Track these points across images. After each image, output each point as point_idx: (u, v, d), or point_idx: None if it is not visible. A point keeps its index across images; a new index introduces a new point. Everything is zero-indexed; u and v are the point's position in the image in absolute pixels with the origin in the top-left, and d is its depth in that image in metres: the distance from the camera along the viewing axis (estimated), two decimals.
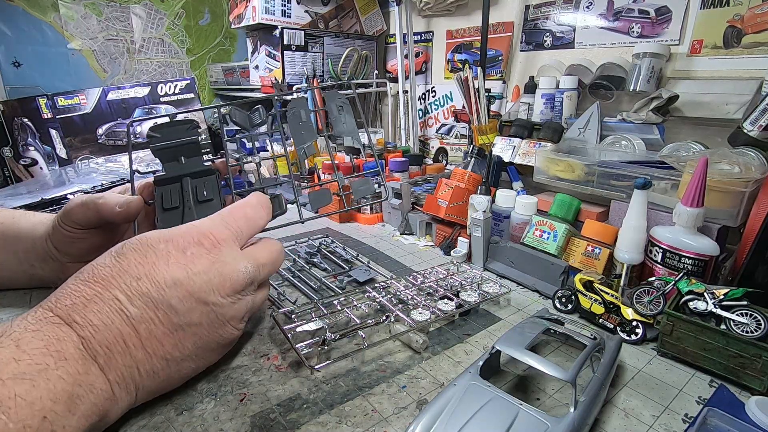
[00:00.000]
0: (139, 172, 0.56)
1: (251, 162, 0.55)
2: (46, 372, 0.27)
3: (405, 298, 0.54)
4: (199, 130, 0.53)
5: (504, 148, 0.89)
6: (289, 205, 0.50)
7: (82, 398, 0.29)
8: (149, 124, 1.21)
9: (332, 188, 0.55)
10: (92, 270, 0.35)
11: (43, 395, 0.26)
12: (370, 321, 0.47)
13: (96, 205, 0.49)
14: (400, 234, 0.83)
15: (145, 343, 0.34)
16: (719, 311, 0.44)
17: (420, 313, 0.49)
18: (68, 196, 0.89)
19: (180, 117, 0.53)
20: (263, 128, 0.56)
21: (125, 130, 1.19)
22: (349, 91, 0.57)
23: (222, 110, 0.56)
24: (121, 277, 0.35)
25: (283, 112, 0.54)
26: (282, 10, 1.24)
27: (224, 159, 0.53)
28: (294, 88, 1.22)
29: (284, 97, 1.23)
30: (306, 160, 0.54)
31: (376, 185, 0.56)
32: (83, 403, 0.29)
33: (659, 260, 0.54)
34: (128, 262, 0.36)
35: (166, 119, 0.52)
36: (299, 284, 0.60)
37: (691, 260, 0.52)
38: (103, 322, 0.32)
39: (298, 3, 1.26)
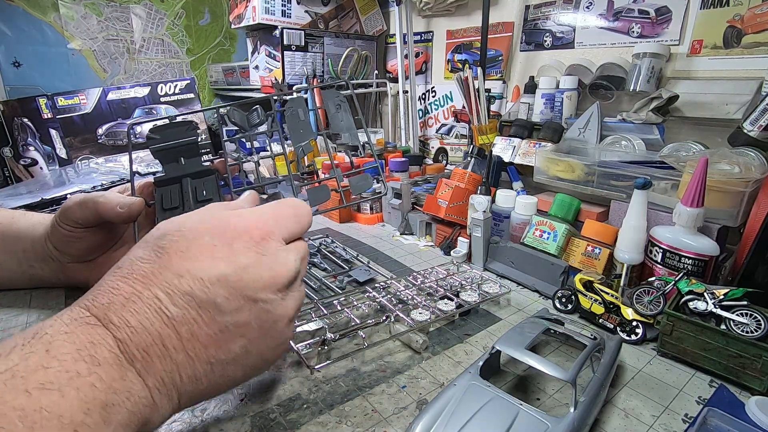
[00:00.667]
0: (139, 174, 0.57)
1: (250, 161, 0.56)
2: (77, 380, 0.25)
3: (405, 298, 0.54)
4: (198, 131, 0.53)
5: (504, 148, 0.89)
6: None
7: (118, 406, 0.27)
8: (149, 124, 1.22)
9: (331, 185, 0.55)
10: (131, 265, 0.33)
11: (73, 406, 0.24)
12: (370, 321, 0.47)
13: (95, 204, 0.48)
14: (400, 234, 0.83)
15: (187, 346, 0.32)
16: (719, 311, 0.44)
17: (420, 313, 0.49)
18: (68, 196, 0.89)
19: (179, 119, 0.53)
20: (262, 128, 0.56)
21: (125, 130, 1.19)
22: (347, 91, 0.57)
23: (221, 111, 0.57)
24: (162, 274, 0.32)
25: (282, 111, 0.54)
26: (282, 10, 1.24)
27: (223, 159, 0.53)
28: (294, 88, 1.22)
29: (283, 96, 1.23)
30: (305, 158, 0.54)
31: (374, 182, 0.56)
32: (119, 412, 0.27)
33: (659, 260, 0.54)
34: (169, 258, 0.33)
35: (166, 121, 0.53)
36: None
37: (691, 260, 0.52)
38: (142, 323, 0.30)
39: (298, 3, 1.26)
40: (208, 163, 0.53)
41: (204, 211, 0.38)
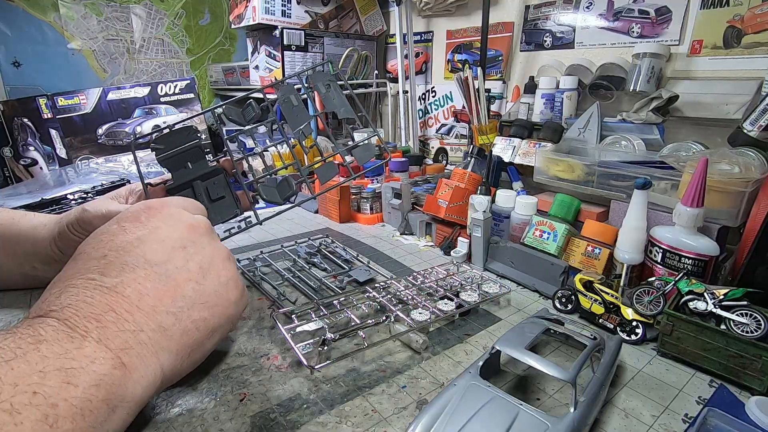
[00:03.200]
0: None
1: (255, 155, 0.57)
2: (24, 356, 0.27)
3: (405, 298, 0.54)
4: (199, 134, 0.54)
5: (504, 148, 0.89)
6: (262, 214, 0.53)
7: (80, 370, 0.28)
8: (149, 124, 1.22)
9: (336, 189, 0.56)
10: (58, 278, 0.36)
11: (25, 371, 0.26)
12: (370, 321, 0.47)
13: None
14: (400, 234, 0.83)
15: (140, 304, 0.34)
16: (719, 311, 0.44)
17: (420, 313, 0.49)
18: (68, 196, 0.89)
19: (178, 126, 0.54)
20: (262, 129, 0.56)
21: (125, 130, 1.19)
22: (346, 90, 0.58)
23: (217, 111, 0.58)
24: (86, 264, 0.35)
25: (274, 100, 0.56)
26: (282, 10, 1.24)
27: (228, 158, 0.54)
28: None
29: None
30: (304, 141, 0.56)
31: (376, 149, 0.58)
32: (84, 374, 0.28)
33: (659, 260, 0.54)
34: (86, 254, 0.36)
35: (166, 130, 0.54)
36: (299, 284, 0.60)
37: (691, 260, 0.52)
38: (83, 300, 0.32)
39: (298, 3, 1.26)
40: (213, 163, 0.54)
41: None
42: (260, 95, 0.58)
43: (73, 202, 0.87)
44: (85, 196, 0.89)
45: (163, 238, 0.38)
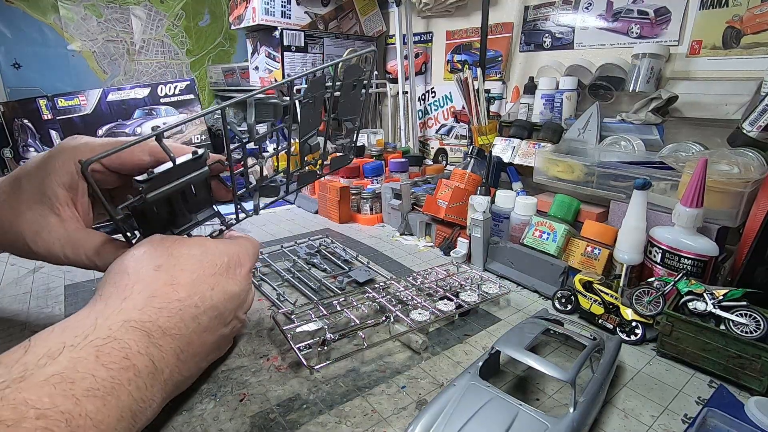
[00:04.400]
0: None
1: (257, 165, 0.53)
2: (118, 389, 0.26)
3: (405, 299, 0.54)
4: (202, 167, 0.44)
5: (504, 149, 0.89)
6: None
7: (142, 414, 0.28)
8: (149, 125, 1.22)
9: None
10: (170, 272, 0.35)
11: (112, 414, 0.25)
12: (370, 321, 0.47)
13: (120, 160, 0.42)
14: (400, 234, 0.83)
15: (199, 351, 0.36)
16: (719, 312, 0.44)
17: (420, 313, 0.49)
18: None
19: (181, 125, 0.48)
20: (262, 129, 0.54)
21: (125, 131, 1.19)
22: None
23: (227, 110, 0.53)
24: (200, 285, 0.36)
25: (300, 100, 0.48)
26: (282, 11, 1.24)
27: (219, 158, 0.47)
28: (294, 89, 1.22)
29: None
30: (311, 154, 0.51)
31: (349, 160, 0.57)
32: (141, 419, 0.28)
33: (659, 261, 0.54)
34: (204, 270, 0.37)
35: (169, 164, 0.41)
36: (299, 285, 0.60)
37: (690, 261, 0.52)
38: (181, 330, 0.33)
39: (298, 4, 1.26)
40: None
41: (200, 239, 0.43)
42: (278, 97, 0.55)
43: None
44: None
45: (237, 306, 0.41)
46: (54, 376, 0.24)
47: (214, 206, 0.47)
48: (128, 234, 0.42)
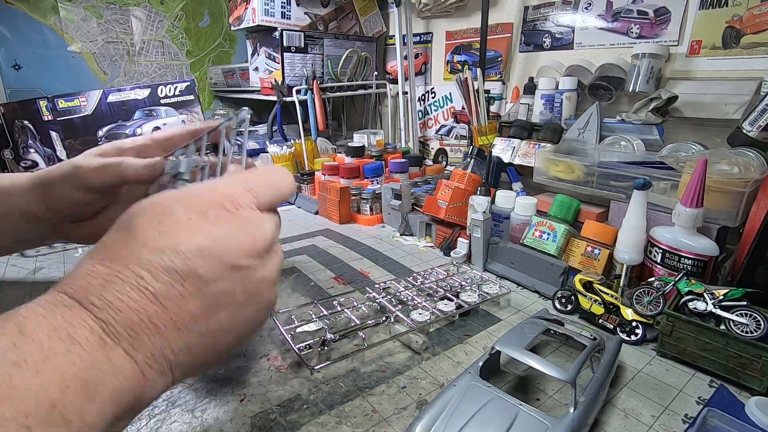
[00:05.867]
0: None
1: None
2: (53, 359, 0.25)
3: (405, 299, 0.54)
4: None
5: (503, 149, 0.89)
6: None
7: (104, 383, 0.27)
8: (150, 125, 1.22)
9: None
10: (105, 249, 0.32)
11: (50, 382, 0.24)
12: (370, 322, 0.47)
13: (119, 169, 0.47)
14: (400, 235, 0.83)
15: (176, 320, 0.32)
16: (719, 311, 0.44)
17: (420, 313, 0.49)
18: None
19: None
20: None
21: (125, 132, 1.20)
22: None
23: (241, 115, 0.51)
24: (140, 252, 0.32)
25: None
26: (281, 11, 1.24)
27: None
28: (294, 90, 1.22)
29: (283, 98, 1.24)
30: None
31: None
32: (105, 389, 0.27)
33: (659, 261, 0.54)
34: (144, 234, 0.32)
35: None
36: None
37: (690, 260, 0.52)
38: (125, 302, 0.30)
39: (298, 5, 1.26)
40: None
41: (177, 190, 0.36)
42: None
43: None
44: None
45: (224, 256, 0.34)
46: None
47: None
48: None
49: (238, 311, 0.35)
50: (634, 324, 0.49)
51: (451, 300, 0.53)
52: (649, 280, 0.52)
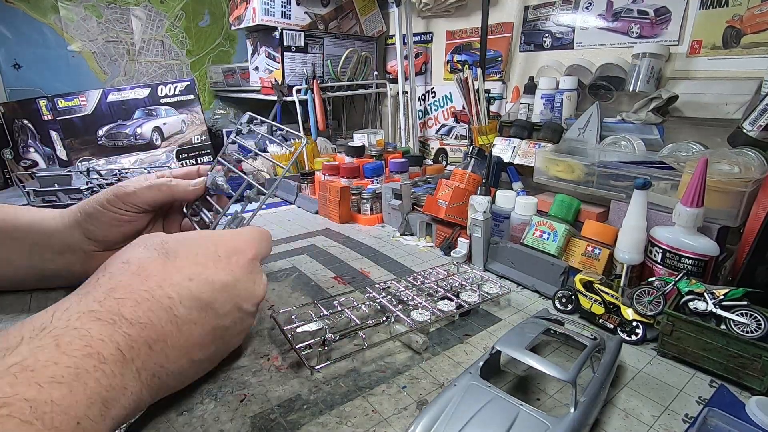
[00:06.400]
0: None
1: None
2: (84, 376, 0.26)
3: (405, 299, 0.54)
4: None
5: (504, 149, 0.89)
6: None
7: (115, 401, 0.28)
8: (150, 125, 1.22)
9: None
10: (140, 263, 0.35)
11: (79, 400, 0.25)
12: (371, 321, 0.47)
13: (170, 188, 0.54)
14: (400, 235, 0.83)
15: (183, 344, 0.34)
16: (719, 311, 0.44)
17: (420, 313, 0.49)
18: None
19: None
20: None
21: (125, 131, 1.20)
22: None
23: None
24: (173, 276, 0.35)
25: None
26: (282, 11, 1.24)
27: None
28: (294, 89, 1.22)
29: (283, 98, 1.24)
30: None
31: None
32: (115, 406, 0.28)
33: (659, 260, 0.54)
34: (180, 261, 0.36)
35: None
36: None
37: (690, 260, 0.52)
38: (152, 320, 0.32)
39: (298, 4, 1.26)
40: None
41: (195, 232, 0.44)
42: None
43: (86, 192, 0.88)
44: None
45: (235, 296, 0.39)
46: (14, 366, 0.24)
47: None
48: None
49: (223, 347, 0.40)
50: (634, 324, 0.49)
51: (452, 300, 0.53)
52: (650, 279, 0.52)
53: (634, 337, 0.48)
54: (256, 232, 0.46)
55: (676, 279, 0.48)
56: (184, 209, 0.59)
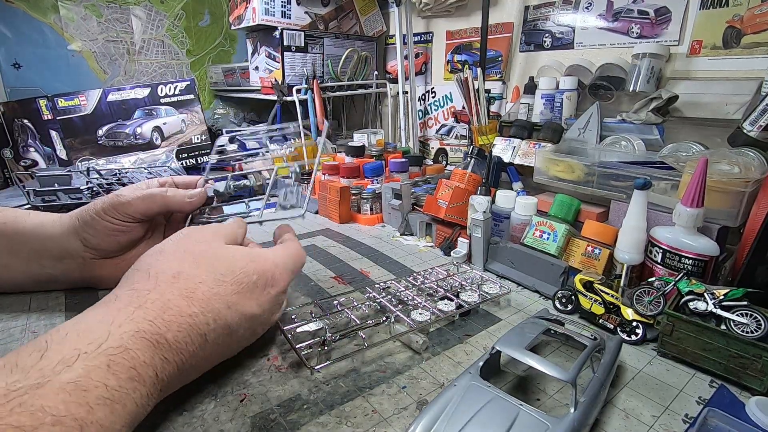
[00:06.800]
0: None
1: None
2: (125, 398, 0.27)
3: (405, 299, 0.54)
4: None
5: (504, 149, 0.89)
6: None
7: (140, 418, 0.29)
8: (150, 125, 1.22)
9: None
10: (188, 285, 0.36)
11: (116, 420, 0.26)
12: (371, 321, 0.47)
13: (164, 198, 0.53)
14: (400, 234, 0.83)
15: (201, 363, 0.36)
16: (719, 311, 0.44)
17: (420, 313, 0.49)
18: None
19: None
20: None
21: (125, 131, 1.20)
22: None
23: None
24: (216, 302, 0.36)
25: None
26: (282, 11, 1.24)
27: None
28: (294, 89, 1.22)
29: (283, 98, 1.24)
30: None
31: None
32: (136, 423, 0.29)
33: (659, 260, 0.54)
34: (225, 287, 0.38)
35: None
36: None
37: (691, 260, 0.52)
38: (188, 344, 0.33)
39: (298, 4, 1.26)
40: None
41: (246, 249, 0.44)
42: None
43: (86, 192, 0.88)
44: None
45: (258, 325, 0.41)
46: (69, 384, 0.25)
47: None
48: None
49: (225, 357, 0.40)
50: (634, 324, 0.49)
51: (452, 300, 0.53)
52: (650, 280, 0.52)
53: (634, 337, 0.48)
54: (298, 260, 0.47)
55: (676, 279, 0.48)
56: (189, 217, 0.59)
